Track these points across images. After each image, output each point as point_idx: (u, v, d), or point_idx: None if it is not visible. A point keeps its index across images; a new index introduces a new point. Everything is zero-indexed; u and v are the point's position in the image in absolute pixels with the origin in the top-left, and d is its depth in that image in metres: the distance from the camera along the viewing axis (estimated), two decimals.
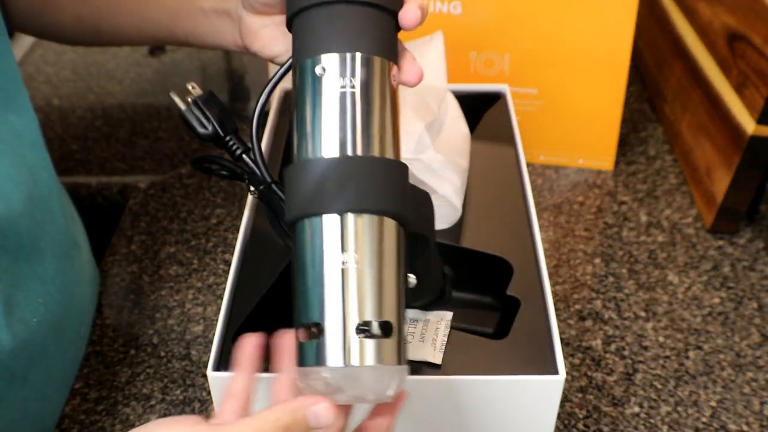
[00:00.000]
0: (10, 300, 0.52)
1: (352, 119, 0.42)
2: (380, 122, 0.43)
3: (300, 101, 0.44)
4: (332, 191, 0.41)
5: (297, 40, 0.45)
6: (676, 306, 0.71)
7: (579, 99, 0.83)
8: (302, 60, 0.44)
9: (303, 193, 0.42)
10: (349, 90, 0.43)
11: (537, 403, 0.51)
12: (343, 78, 0.43)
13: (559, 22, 0.80)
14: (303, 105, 0.43)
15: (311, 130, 0.43)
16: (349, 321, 0.40)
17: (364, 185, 0.41)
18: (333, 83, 0.43)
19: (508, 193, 0.66)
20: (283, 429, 0.38)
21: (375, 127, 0.43)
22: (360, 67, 0.43)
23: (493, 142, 0.71)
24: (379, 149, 0.43)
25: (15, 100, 0.56)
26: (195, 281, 0.74)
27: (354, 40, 0.43)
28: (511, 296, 0.57)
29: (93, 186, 0.88)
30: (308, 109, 0.43)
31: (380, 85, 0.44)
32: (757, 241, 0.78)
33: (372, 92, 0.43)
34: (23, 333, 0.53)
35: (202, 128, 0.56)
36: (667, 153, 0.90)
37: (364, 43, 0.43)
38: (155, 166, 0.90)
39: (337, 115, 0.42)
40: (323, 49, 0.43)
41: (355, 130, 0.42)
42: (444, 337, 0.54)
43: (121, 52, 1.13)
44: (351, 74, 0.43)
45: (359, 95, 0.43)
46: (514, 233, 0.62)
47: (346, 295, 0.40)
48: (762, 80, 0.71)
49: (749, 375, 0.65)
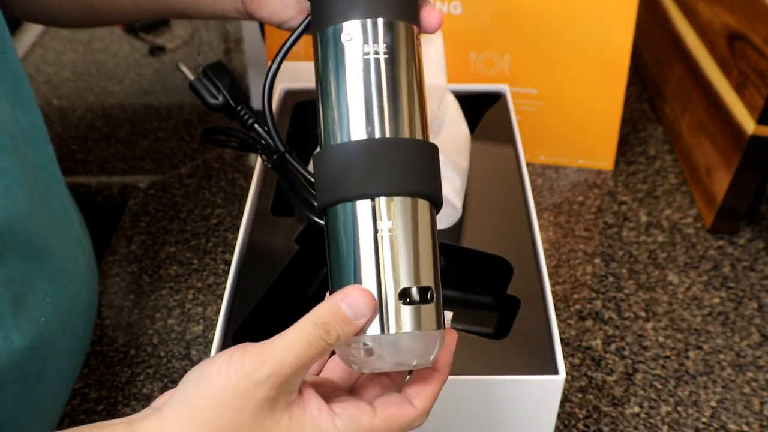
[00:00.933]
0: (20, 300, 0.52)
1: (378, 96, 0.41)
2: (409, 98, 0.42)
3: (324, 73, 0.42)
4: (363, 176, 0.40)
5: (317, 7, 0.44)
6: (676, 306, 0.71)
7: (579, 99, 0.83)
8: (324, 28, 0.42)
9: (333, 179, 0.41)
10: (373, 57, 0.41)
11: (537, 403, 0.51)
12: (368, 45, 0.41)
13: (559, 22, 0.80)
14: (327, 77, 0.42)
15: (338, 109, 0.42)
16: (387, 288, 0.39)
17: (395, 168, 0.41)
18: (358, 51, 0.41)
19: (508, 193, 0.66)
20: (323, 327, 0.38)
21: (404, 105, 0.42)
22: (385, 33, 0.42)
23: (493, 142, 0.71)
24: (408, 130, 0.42)
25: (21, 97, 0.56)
26: (195, 281, 0.74)
27: (378, 5, 0.42)
28: (511, 296, 0.57)
29: (93, 186, 0.88)
30: (333, 84, 0.42)
31: (408, 51, 0.43)
32: (757, 241, 0.78)
33: (400, 61, 0.42)
34: (33, 332, 0.53)
35: (212, 98, 0.55)
36: (667, 153, 0.90)
37: (388, 7, 0.42)
38: (155, 166, 0.90)
39: (365, 92, 0.41)
40: (346, 16, 0.42)
41: (383, 108, 0.41)
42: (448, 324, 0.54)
43: (121, 52, 1.13)
44: (375, 41, 0.41)
45: (387, 65, 0.41)
46: (514, 233, 0.62)
47: (381, 262, 0.39)
48: (762, 80, 0.71)
49: (749, 375, 0.65)
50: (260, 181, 0.67)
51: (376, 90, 0.41)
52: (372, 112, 0.41)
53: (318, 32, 0.43)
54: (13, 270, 0.52)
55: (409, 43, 0.43)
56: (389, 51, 0.42)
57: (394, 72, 0.42)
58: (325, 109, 0.42)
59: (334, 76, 0.42)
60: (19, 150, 0.53)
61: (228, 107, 0.55)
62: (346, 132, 0.41)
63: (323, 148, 0.42)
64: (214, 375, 0.37)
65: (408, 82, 0.42)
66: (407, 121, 0.42)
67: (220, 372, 0.37)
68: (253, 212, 0.63)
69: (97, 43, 1.15)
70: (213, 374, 0.37)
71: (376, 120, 0.41)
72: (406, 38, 0.43)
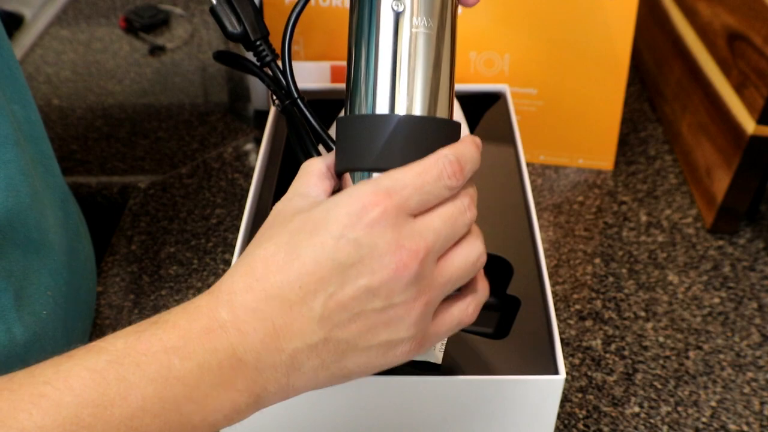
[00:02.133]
0: (21, 293, 0.52)
1: (414, 69, 0.42)
2: (445, 76, 0.43)
3: (358, 39, 0.42)
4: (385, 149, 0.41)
5: None
6: (676, 306, 0.71)
7: (579, 99, 0.83)
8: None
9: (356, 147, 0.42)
10: (414, 31, 0.41)
11: (537, 403, 0.51)
12: (411, 17, 0.41)
13: (559, 22, 0.80)
14: (360, 43, 0.42)
15: (371, 77, 0.42)
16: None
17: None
18: (397, 21, 0.41)
19: (508, 193, 0.66)
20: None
21: (433, 82, 0.42)
22: (429, 5, 0.42)
23: (493, 142, 0.71)
24: (440, 109, 0.43)
25: (18, 91, 0.56)
26: (195, 281, 0.74)
27: None
28: (511, 296, 0.57)
29: (93, 186, 0.88)
30: (365, 50, 0.42)
31: (449, 29, 0.43)
32: (757, 241, 0.78)
33: (442, 37, 0.42)
34: (34, 326, 0.53)
35: (232, 27, 0.54)
36: (667, 153, 0.90)
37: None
38: (155, 166, 0.90)
39: (397, 62, 0.41)
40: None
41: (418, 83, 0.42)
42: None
43: (121, 52, 1.13)
44: (418, 13, 0.41)
45: (434, 40, 0.42)
46: (514, 233, 0.62)
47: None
48: (762, 80, 0.71)
49: (749, 375, 0.65)
50: (260, 181, 0.67)
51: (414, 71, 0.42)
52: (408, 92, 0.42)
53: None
54: (14, 263, 0.52)
55: (448, 18, 0.43)
56: (425, 25, 0.41)
57: (428, 47, 0.42)
58: (356, 77, 0.42)
59: (366, 36, 0.42)
60: (20, 143, 0.53)
61: (246, 39, 0.53)
62: (377, 101, 0.42)
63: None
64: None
65: (442, 58, 0.43)
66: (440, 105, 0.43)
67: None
68: (253, 212, 0.63)
69: (97, 43, 1.15)
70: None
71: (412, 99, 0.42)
72: (445, 12, 0.42)
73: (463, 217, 0.41)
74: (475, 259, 0.41)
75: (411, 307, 0.38)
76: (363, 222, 0.37)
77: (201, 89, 1.05)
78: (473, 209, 0.42)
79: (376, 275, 0.37)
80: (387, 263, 0.37)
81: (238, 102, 1.02)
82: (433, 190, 0.39)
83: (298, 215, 0.39)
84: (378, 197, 0.37)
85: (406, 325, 0.39)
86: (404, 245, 0.37)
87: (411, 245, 0.38)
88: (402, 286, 0.37)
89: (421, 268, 0.38)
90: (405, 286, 0.38)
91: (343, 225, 0.37)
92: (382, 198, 0.38)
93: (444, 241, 0.40)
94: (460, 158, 0.41)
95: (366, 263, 0.37)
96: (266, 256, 0.38)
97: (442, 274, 0.40)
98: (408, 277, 0.37)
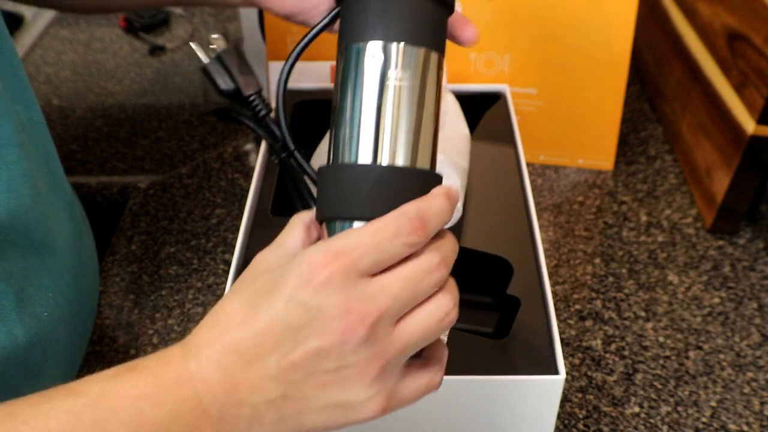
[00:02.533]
0: (22, 294, 0.52)
1: (395, 121, 0.41)
2: (427, 128, 0.42)
3: (343, 87, 0.42)
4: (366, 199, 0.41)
5: (346, 19, 0.43)
6: (676, 306, 0.71)
7: (579, 99, 0.83)
8: (349, 43, 0.42)
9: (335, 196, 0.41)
10: (396, 84, 0.41)
11: (537, 404, 0.51)
12: (394, 70, 0.41)
13: (559, 22, 0.80)
14: (345, 91, 0.42)
15: (350, 127, 0.42)
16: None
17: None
18: (381, 74, 0.41)
19: (508, 193, 0.66)
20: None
21: (414, 134, 0.42)
22: (413, 60, 0.42)
23: (493, 142, 0.71)
24: (420, 159, 0.42)
25: (21, 92, 0.56)
26: (195, 281, 0.74)
27: (404, 29, 0.42)
28: (511, 296, 0.57)
29: (93, 186, 0.88)
30: (350, 99, 0.42)
31: (432, 82, 0.43)
32: (757, 241, 0.78)
33: (423, 90, 0.42)
34: (35, 327, 0.53)
35: (225, 85, 0.54)
36: (667, 153, 0.90)
37: (422, 35, 0.42)
38: (155, 166, 0.90)
39: (379, 114, 0.41)
40: (372, 35, 0.41)
41: (397, 136, 0.41)
42: (444, 338, 0.54)
43: (121, 52, 1.13)
44: (401, 67, 0.41)
45: (410, 93, 0.41)
46: (514, 233, 0.62)
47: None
48: (762, 80, 0.71)
49: (749, 375, 0.65)
50: (260, 181, 0.67)
51: (389, 115, 0.41)
52: (384, 144, 0.41)
53: (344, 43, 0.43)
54: (15, 265, 0.52)
55: (431, 71, 0.43)
56: (408, 78, 0.41)
57: (410, 99, 0.42)
58: (338, 131, 0.42)
59: (351, 91, 0.42)
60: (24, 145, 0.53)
61: (239, 95, 0.53)
62: (354, 151, 0.41)
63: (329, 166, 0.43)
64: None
65: (424, 110, 0.42)
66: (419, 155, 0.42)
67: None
68: (253, 212, 0.63)
69: (97, 43, 1.15)
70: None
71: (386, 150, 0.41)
72: (428, 65, 0.42)
73: (429, 278, 0.39)
74: (441, 317, 0.39)
75: (364, 369, 0.38)
76: (312, 285, 0.37)
77: (201, 89, 1.05)
78: (443, 269, 0.39)
79: (325, 338, 0.37)
80: (335, 327, 0.37)
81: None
82: (389, 249, 0.38)
83: (265, 273, 0.39)
84: (327, 258, 0.37)
85: (363, 386, 0.38)
86: (352, 309, 0.37)
87: (360, 309, 0.37)
88: (351, 348, 0.37)
89: (370, 333, 0.37)
90: (355, 348, 0.37)
91: (293, 287, 0.37)
92: (331, 259, 0.37)
93: (403, 304, 0.38)
94: (423, 213, 0.39)
95: (315, 326, 0.37)
96: (229, 312, 0.39)
97: (400, 336, 0.38)
98: (356, 341, 0.37)
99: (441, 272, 0.39)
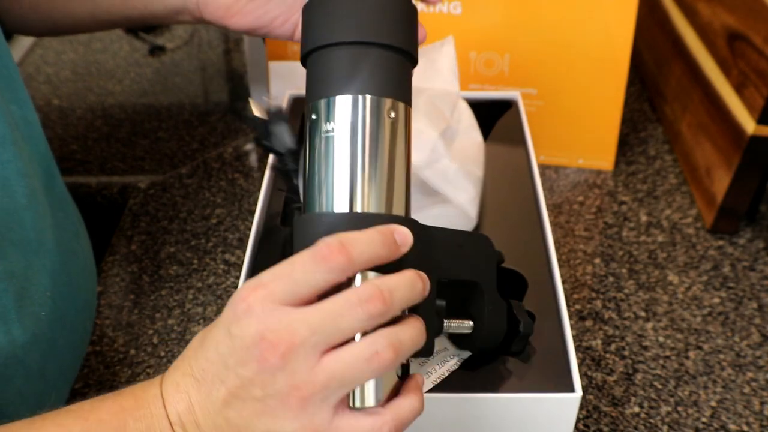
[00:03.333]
0: (21, 293, 0.52)
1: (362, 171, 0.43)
2: (393, 175, 0.44)
3: (309, 142, 0.45)
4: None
5: (311, 78, 0.46)
6: (676, 306, 0.71)
7: (579, 99, 0.83)
8: (313, 100, 0.45)
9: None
10: (360, 137, 0.43)
11: (552, 421, 0.50)
12: (354, 122, 0.43)
13: (559, 22, 0.80)
14: (312, 150, 0.44)
15: (318, 179, 0.44)
16: None
17: None
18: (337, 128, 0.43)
19: (521, 204, 0.64)
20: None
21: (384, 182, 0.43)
22: (372, 110, 0.43)
23: (505, 152, 0.70)
24: (386, 206, 0.43)
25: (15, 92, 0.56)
26: (195, 281, 0.74)
27: (373, 83, 0.43)
28: (526, 311, 0.56)
29: (93, 186, 0.88)
30: (315, 157, 0.44)
31: (395, 130, 0.44)
32: (757, 241, 0.78)
33: (384, 140, 0.44)
34: (33, 327, 0.53)
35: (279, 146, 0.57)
36: (667, 153, 0.90)
37: (383, 86, 0.44)
38: (155, 166, 0.90)
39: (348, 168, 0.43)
40: (316, 95, 0.44)
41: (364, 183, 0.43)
42: (445, 372, 0.51)
43: (120, 52, 1.13)
44: (362, 118, 0.43)
45: (371, 143, 0.43)
46: (528, 246, 0.60)
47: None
48: (762, 80, 0.71)
49: (749, 375, 0.65)
50: (269, 191, 0.66)
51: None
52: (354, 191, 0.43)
53: (309, 102, 0.45)
54: (14, 264, 0.52)
55: (400, 123, 0.44)
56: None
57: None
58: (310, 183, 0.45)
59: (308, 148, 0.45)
60: (18, 143, 0.53)
61: (289, 155, 0.56)
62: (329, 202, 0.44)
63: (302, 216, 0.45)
64: None
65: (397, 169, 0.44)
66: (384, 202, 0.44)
67: None
68: (261, 223, 0.62)
69: (97, 43, 1.15)
70: None
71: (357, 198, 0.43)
72: (403, 118, 0.44)
73: (354, 312, 0.37)
74: (367, 356, 0.37)
75: (285, 400, 0.38)
76: (236, 315, 0.38)
77: (201, 89, 1.05)
78: (376, 303, 0.37)
79: (247, 366, 0.38)
80: (251, 354, 0.38)
81: (238, 102, 1.02)
82: (305, 277, 0.38)
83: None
84: (247, 291, 0.38)
85: (288, 418, 0.38)
86: (266, 337, 0.37)
87: (272, 337, 0.37)
88: (268, 377, 0.38)
89: (283, 362, 0.37)
90: (271, 378, 0.37)
91: (225, 318, 0.39)
92: (250, 291, 0.38)
93: (326, 336, 0.37)
94: (344, 238, 0.38)
95: (238, 354, 0.38)
96: (193, 341, 0.42)
97: (324, 369, 0.37)
98: (271, 369, 0.37)
99: (372, 306, 0.37)
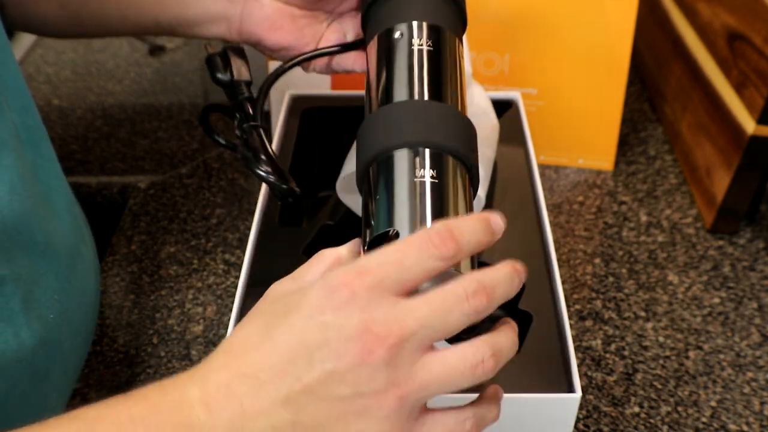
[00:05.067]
0: (29, 297, 0.52)
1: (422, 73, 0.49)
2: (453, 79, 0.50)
3: (392, 56, 0.50)
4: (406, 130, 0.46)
5: (372, 18, 0.54)
6: (676, 306, 0.71)
7: (579, 99, 0.83)
8: (379, 31, 0.52)
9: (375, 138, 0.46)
10: (417, 48, 0.50)
11: (552, 421, 0.49)
12: (437, 41, 0.50)
13: (559, 22, 0.80)
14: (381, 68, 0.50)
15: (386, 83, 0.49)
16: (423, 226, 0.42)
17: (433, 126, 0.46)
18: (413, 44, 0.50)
19: (521, 205, 0.64)
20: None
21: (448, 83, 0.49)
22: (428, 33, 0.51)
23: (505, 151, 0.70)
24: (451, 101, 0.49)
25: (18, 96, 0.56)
26: (195, 281, 0.74)
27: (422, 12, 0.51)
28: (523, 311, 0.55)
29: (93, 186, 0.88)
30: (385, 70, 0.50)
31: (446, 48, 0.51)
32: (757, 241, 0.78)
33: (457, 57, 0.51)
34: (41, 329, 0.53)
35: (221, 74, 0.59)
36: (667, 153, 0.90)
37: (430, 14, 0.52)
38: (155, 166, 0.90)
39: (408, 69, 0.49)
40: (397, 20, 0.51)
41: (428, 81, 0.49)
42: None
43: (120, 52, 1.13)
44: (420, 37, 0.50)
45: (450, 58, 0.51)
46: (527, 245, 0.60)
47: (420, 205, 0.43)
48: (762, 80, 0.71)
49: (749, 375, 0.65)
50: (269, 191, 0.66)
51: (418, 70, 0.49)
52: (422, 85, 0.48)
53: (375, 36, 0.52)
54: (22, 267, 0.52)
55: (449, 44, 0.51)
56: (432, 45, 0.50)
57: (435, 59, 0.50)
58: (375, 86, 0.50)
59: (386, 65, 0.50)
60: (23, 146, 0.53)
61: (232, 86, 0.60)
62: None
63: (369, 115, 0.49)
64: None
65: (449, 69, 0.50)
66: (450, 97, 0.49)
67: None
68: (260, 224, 0.63)
69: (97, 43, 1.15)
70: None
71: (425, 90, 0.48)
72: (446, 39, 0.51)
73: (462, 307, 0.36)
74: (474, 363, 0.36)
75: (381, 398, 0.35)
76: (332, 304, 0.36)
77: (201, 89, 1.05)
78: (481, 298, 0.36)
79: (342, 360, 0.35)
80: (352, 347, 0.35)
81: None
82: (415, 264, 0.36)
83: (281, 299, 0.38)
84: (349, 277, 0.36)
85: (377, 419, 0.35)
86: (372, 329, 0.35)
87: (380, 330, 0.35)
88: (368, 373, 0.35)
89: (389, 356, 0.35)
90: (372, 373, 0.35)
91: (314, 307, 0.36)
92: (353, 278, 0.36)
93: (433, 330, 0.36)
94: (451, 225, 0.37)
95: (332, 346, 0.35)
96: (243, 337, 0.38)
97: (426, 368, 0.36)
98: (374, 363, 0.35)
99: (477, 300, 0.36)
